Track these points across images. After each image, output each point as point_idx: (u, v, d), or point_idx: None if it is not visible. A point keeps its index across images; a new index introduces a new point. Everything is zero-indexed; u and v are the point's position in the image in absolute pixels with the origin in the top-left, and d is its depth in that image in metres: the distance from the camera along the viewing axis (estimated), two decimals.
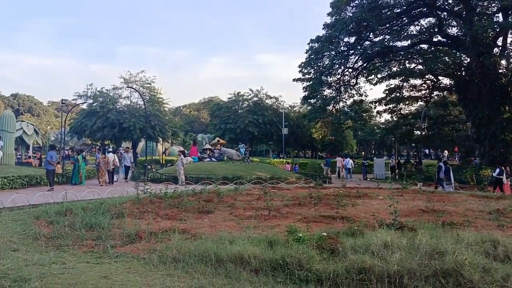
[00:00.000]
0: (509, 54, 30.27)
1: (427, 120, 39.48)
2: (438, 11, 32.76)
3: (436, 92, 39.37)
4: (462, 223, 8.00)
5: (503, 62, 30.83)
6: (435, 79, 37.18)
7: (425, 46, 34.88)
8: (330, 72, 35.92)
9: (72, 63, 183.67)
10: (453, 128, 40.86)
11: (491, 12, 30.82)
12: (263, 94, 58.55)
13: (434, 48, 34.01)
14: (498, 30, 29.07)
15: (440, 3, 32.46)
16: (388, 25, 33.76)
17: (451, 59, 32.47)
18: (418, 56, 34.73)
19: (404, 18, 34.10)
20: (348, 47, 35.32)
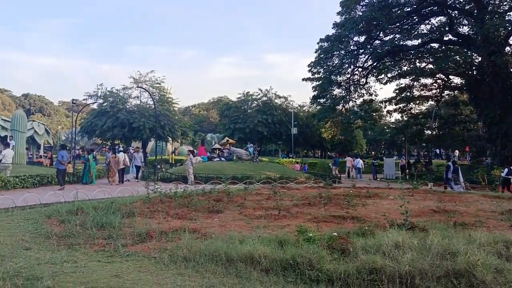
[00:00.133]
0: None
1: (437, 119, 39.19)
2: (449, 10, 32.49)
3: (447, 92, 39.05)
4: (474, 223, 7.93)
5: None
6: (446, 78, 36.87)
7: (435, 45, 34.60)
8: (339, 72, 35.81)
9: (82, 63, 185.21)
10: (464, 127, 40.51)
11: (502, 10, 30.48)
12: (272, 93, 58.54)
13: (445, 47, 33.72)
14: (510, 28, 28.79)
15: (451, 1, 32.22)
16: (398, 24, 33.56)
17: (462, 58, 32.17)
18: (428, 55, 34.45)
19: (415, 17, 33.86)
20: (358, 46, 35.17)
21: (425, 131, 42.16)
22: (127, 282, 4.84)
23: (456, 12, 33.07)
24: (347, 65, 35.84)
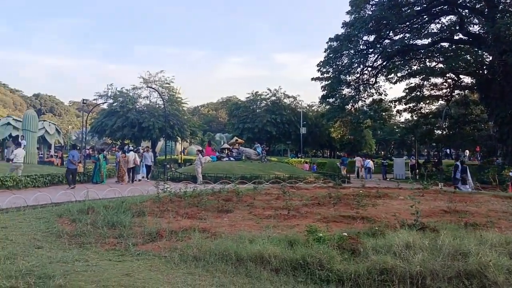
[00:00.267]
0: None
1: (448, 119, 38.91)
2: (459, 9, 32.22)
3: (457, 91, 38.72)
4: (485, 224, 7.86)
5: None
6: (456, 78, 36.56)
7: (446, 44, 34.30)
8: (349, 71, 35.65)
9: (92, 63, 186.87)
10: (474, 127, 40.18)
11: None
12: (281, 93, 58.60)
13: (455, 46, 33.42)
14: None
15: (461, 0, 31.92)
16: (408, 23, 33.31)
17: (472, 57, 31.87)
18: (439, 54, 34.17)
19: (425, 16, 33.62)
20: (368, 45, 34.97)
21: (435, 131, 41.89)
22: (138, 281, 4.87)
23: (466, 11, 32.79)
24: (356, 64, 35.66)
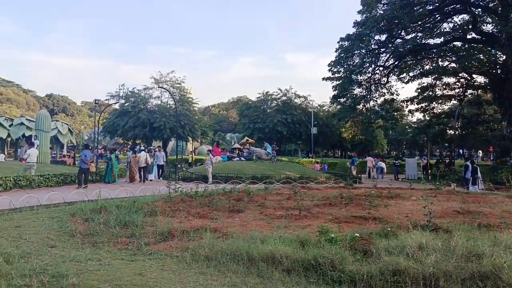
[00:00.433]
0: None
1: (460, 119, 38.50)
2: (472, 8, 31.85)
3: (470, 91, 38.28)
4: (499, 225, 7.77)
5: None
6: (469, 77, 36.16)
7: (458, 44, 33.91)
8: (360, 71, 35.44)
9: (104, 64, 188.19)
10: (487, 127, 39.67)
11: None
12: (291, 93, 58.42)
13: (468, 45, 33.05)
14: None
15: None
16: (420, 22, 33.01)
17: (486, 56, 31.52)
18: (451, 53, 33.81)
19: (437, 15, 33.30)
20: (379, 45, 34.74)
21: (447, 131, 41.46)
22: (150, 280, 4.90)
23: (479, 9, 32.41)
24: (368, 64, 35.43)
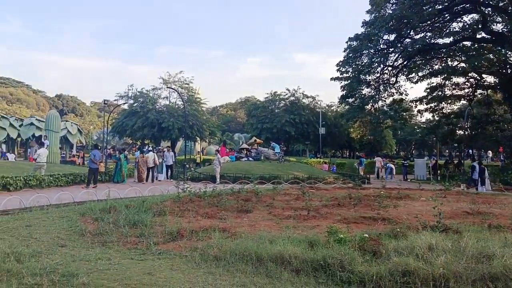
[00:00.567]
0: None
1: (470, 119, 38.18)
2: (482, 7, 31.59)
3: (479, 91, 38.04)
4: (510, 226, 7.71)
5: None
6: (479, 77, 35.89)
7: (468, 43, 33.65)
8: (369, 71, 35.29)
9: (113, 64, 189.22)
10: (497, 127, 39.29)
11: None
12: (299, 93, 58.32)
13: (478, 45, 32.78)
14: None
15: None
16: (429, 22, 32.80)
17: (495, 56, 31.23)
18: (460, 53, 33.57)
19: (446, 15, 33.07)
20: (388, 45, 34.56)
21: (457, 131, 41.15)
22: (159, 279, 4.91)
23: (489, 9, 32.13)
24: (376, 64, 35.26)
